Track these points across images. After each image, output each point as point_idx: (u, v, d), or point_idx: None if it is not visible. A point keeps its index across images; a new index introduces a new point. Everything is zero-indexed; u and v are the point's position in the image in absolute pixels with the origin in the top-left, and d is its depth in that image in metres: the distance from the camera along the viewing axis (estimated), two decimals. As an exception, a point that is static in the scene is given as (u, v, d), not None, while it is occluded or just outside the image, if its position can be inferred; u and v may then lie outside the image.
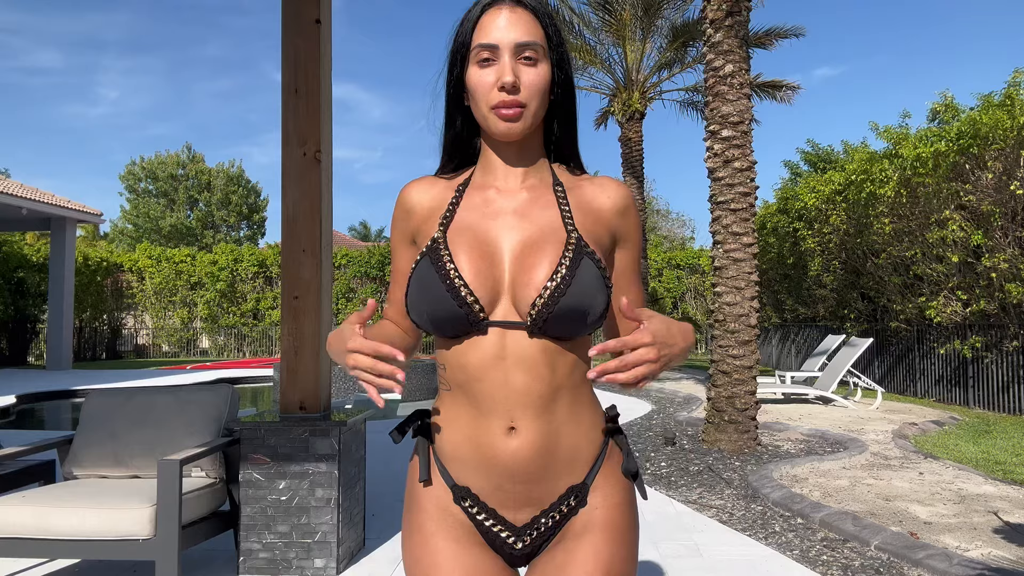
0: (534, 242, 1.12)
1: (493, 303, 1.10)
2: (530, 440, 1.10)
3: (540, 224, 1.14)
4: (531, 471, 1.11)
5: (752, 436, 6.15)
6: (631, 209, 1.22)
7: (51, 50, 62.16)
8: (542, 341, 1.10)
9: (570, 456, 1.13)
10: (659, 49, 14.16)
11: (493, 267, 1.11)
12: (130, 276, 21.89)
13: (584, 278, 1.08)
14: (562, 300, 1.07)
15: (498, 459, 1.10)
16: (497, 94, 1.12)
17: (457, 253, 1.12)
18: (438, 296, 1.09)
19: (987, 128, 8.22)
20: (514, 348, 1.09)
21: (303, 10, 3.47)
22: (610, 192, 1.21)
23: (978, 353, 9.02)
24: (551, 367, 1.10)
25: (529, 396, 1.09)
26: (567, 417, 1.12)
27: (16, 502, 2.85)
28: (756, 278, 6.32)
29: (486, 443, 1.11)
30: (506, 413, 1.10)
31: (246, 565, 3.20)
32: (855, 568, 3.36)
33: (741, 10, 6.35)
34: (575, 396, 1.13)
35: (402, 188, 1.25)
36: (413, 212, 1.23)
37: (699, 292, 22.01)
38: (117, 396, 3.54)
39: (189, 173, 37.16)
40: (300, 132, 3.45)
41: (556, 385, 1.11)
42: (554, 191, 1.19)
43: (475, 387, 1.10)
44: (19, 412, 9.53)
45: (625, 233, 1.22)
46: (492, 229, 1.15)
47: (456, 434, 1.14)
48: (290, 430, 3.23)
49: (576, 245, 1.11)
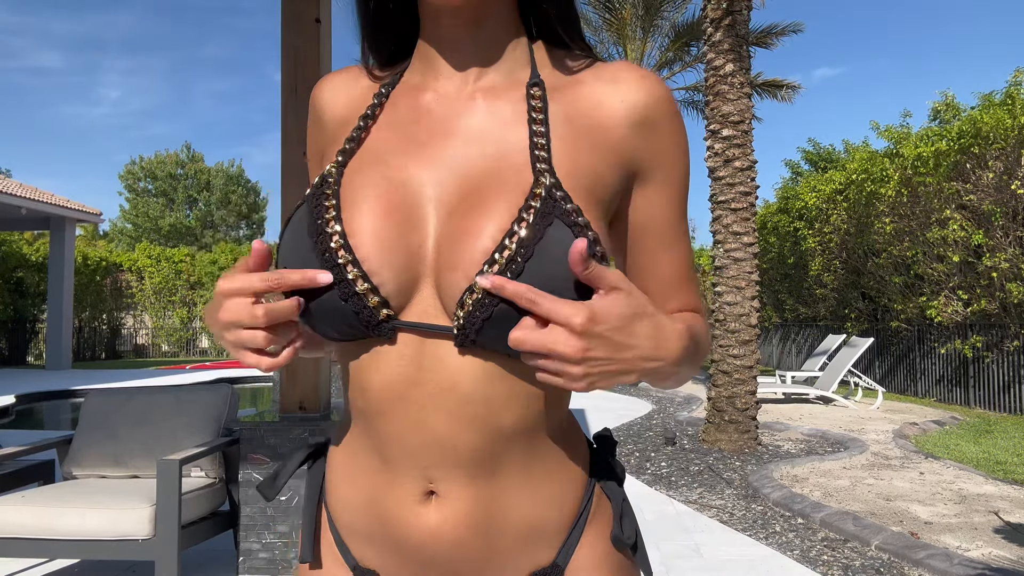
0: (480, 187, 0.68)
1: (407, 289, 0.68)
2: (461, 512, 0.69)
3: (495, 154, 0.69)
4: (466, 557, 0.71)
5: (752, 436, 6.15)
6: (667, 121, 0.73)
7: (52, 51, 62.31)
8: (480, 358, 0.67)
9: (528, 530, 0.72)
10: (660, 48, 14.16)
11: (410, 229, 0.68)
12: (130, 276, 21.89)
13: (548, 261, 0.63)
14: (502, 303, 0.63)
15: (414, 540, 0.71)
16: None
17: (352, 204, 0.69)
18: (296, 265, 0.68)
19: (988, 127, 8.21)
20: (436, 368, 0.67)
21: (303, 9, 3.46)
22: (626, 91, 0.72)
23: (979, 353, 9.01)
24: (497, 405, 0.68)
25: (457, 448, 0.68)
26: (522, 477, 0.71)
27: (16, 502, 2.84)
28: (757, 277, 6.32)
29: (395, 515, 0.71)
30: (422, 471, 0.69)
31: (246, 565, 3.19)
32: (856, 568, 3.36)
33: (741, 9, 6.34)
34: (535, 445, 0.71)
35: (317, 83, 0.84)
36: (322, 122, 0.81)
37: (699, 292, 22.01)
38: (117, 396, 3.54)
39: (188, 172, 37.16)
40: (300, 131, 3.44)
41: (504, 434, 0.69)
42: (527, 95, 0.72)
43: (376, 423, 0.70)
44: (19, 412, 9.53)
45: (650, 160, 0.73)
46: (416, 163, 0.71)
47: (354, 494, 0.74)
48: (290, 430, 3.22)
49: (545, 197, 0.65)
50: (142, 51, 63.31)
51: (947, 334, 9.71)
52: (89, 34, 61.46)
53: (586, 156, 0.70)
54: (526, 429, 0.70)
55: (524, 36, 0.76)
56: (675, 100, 0.74)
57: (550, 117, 0.71)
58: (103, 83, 65.53)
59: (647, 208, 0.75)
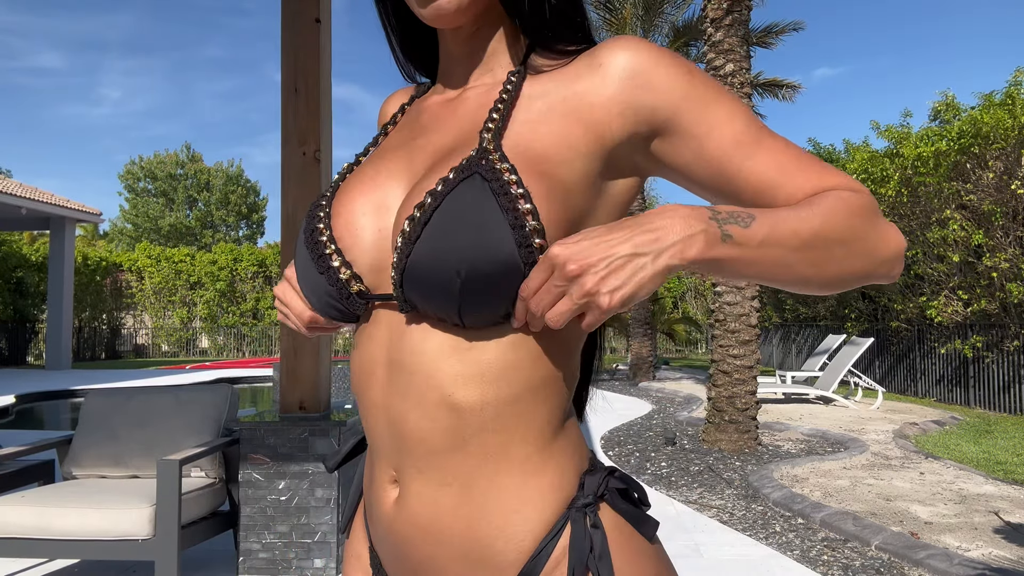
0: (434, 164, 0.71)
1: (380, 267, 0.71)
2: (412, 509, 0.68)
3: (457, 136, 0.73)
4: (415, 558, 0.69)
5: (753, 436, 6.15)
6: (654, 67, 0.69)
7: (53, 51, 62.28)
8: (435, 329, 0.66)
9: (474, 555, 0.66)
10: (659, 48, 14.17)
11: (380, 210, 0.72)
12: (129, 276, 21.90)
13: (457, 210, 0.62)
14: (416, 248, 0.63)
15: (381, 526, 0.73)
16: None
17: (344, 193, 0.75)
18: (303, 256, 0.74)
19: (988, 127, 8.21)
20: (397, 345, 0.68)
21: (303, 9, 3.46)
22: (605, 56, 0.70)
23: (979, 353, 9.01)
24: (447, 380, 0.65)
25: (410, 434, 0.67)
26: (480, 481, 0.66)
27: (16, 502, 2.84)
28: (757, 278, 6.32)
29: (373, 499, 0.74)
30: (386, 457, 0.71)
31: (246, 565, 3.19)
32: (856, 568, 3.36)
33: (741, 8, 6.34)
34: (502, 443, 0.66)
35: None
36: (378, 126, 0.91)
37: (699, 292, 22.02)
38: (117, 396, 3.54)
39: (188, 173, 37.17)
40: (300, 131, 3.44)
41: (460, 415, 0.65)
42: (504, 86, 0.73)
43: (361, 406, 0.74)
44: (18, 412, 9.53)
45: (663, 105, 0.69)
46: (401, 154, 0.76)
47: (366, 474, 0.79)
48: (290, 430, 3.22)
49: (470, 159, 0.65)
50: (143, 51, 63.35)
51: (947, 334, 9.71)
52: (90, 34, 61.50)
53: (552, 125, 0.69)
54: (490, 417, 0.65)
55: (523, 43, 0.78)
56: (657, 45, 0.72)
57: (520, 96, 0.72)
58: (104, 83, 65.57)
59: (694, 146, 0.69)
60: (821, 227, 0.63)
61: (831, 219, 0.63)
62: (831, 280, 0.65)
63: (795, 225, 0.62)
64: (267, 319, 21.95)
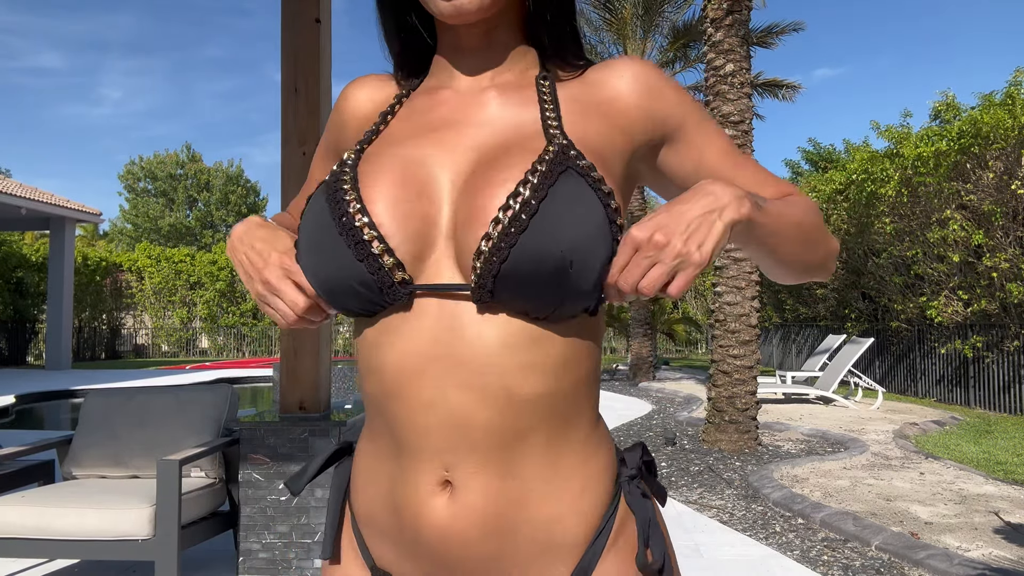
0: (494, 157, 0.70)
1: (422, 256, 0.68)
2: (474, 506, 0.66)
3: (507, 131, 0.73)
4: (476, 559, 0.68)
5: (753, 436, 6.15)
6: (665, 83, 0.78)
7: (54, 51, 62.34)
8: (500, 321, 0.66)
9: (545, 537, 0.68)
10: (660, 48, 14.15)
11: (423, 198, 0.70)
12: (129, 276, 21.90)
13: (563, 204, 0.64)
14: (522, 239, 0.63)
15: (424, 536, 0.68)
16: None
17: (368, 179, 0.71)
18: (330, 245, 0.68)
19: (988, 127, 8.21)
20: (452, 338, 0.66)
21: (303, 9, 3.46)
22: (622, 70, 0.77)
23: (979, 353, 9.01)
24: (512, 372, 0.66)
25: (473, 427, 0.66)
26: (543, 467, 0.68)
27: (16, 502, 2.84)
28: (757, 278, 6.32)
29: (407, 507, 0.69)
30: (437, 457, 0.67)
31: (246, 565, 3.19)
32: (856, 568, 3.36)
33: (742, 9, 6.34)
34: (561, 429, 0.69)
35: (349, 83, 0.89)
36: (345, 117, 0.87)
37: (699, 292, 22.01)
38: (117, 396, 3.54)
39: (188, 172, 37.17)
40: (300, 131, 3.44)
41: (522, 407, 0.66)
42: (537, 85, 0.78)
43: (391, 408, 0.68)
44: (18, 412, 9.53)
45: (671, 117, 0.77)
46: (430, 144, 0.74)
47: (374, 486, 0.73)
48: (290, 430, 3.22)
49: (557, 154, 0.67)
50: (143, 51, 63.36)
51: (947, 334, 9.71)
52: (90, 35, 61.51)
53: (595, 125, 0.75)
54: (550, 405, 0.67)
55: (528, 44, 0.81)
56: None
57: (559, 98, 0.76)
58: (104, 83, 65.62)
59: (693, 155, 0.80)
60: (803, 218, 0.77)
61: (808, 215, 0.78)
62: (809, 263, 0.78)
63: (787, 211, 0.75)
64: (267, 319, 21.93)
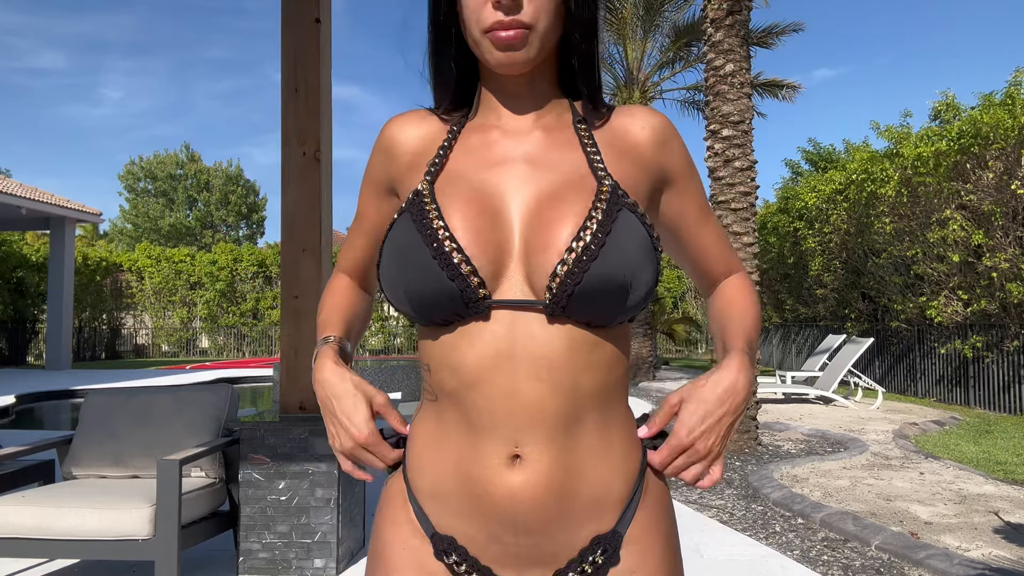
0: (554, 193, 0.85)
1: (497, 276, 0.82)
2: (541, 474, 0.80)
3: (561, 170, 0.87)
4: (541, 518, 0.81)
5: (752, 436, 6.15)
6: (673, 137, 0.95)
7: (55, 51, 62.28)
8: (566, 329, 0.81)
9: (596, 497, 0.83)
10: (660, 48, 14.15)
11: (497, 227, 0.84)
12: (129, 276, 21.90)
13: (624, 237, 0.81)
14: (593, 266, 0.79)
15: (495, 500, 0.81)
16: (492, 12, 0.85)
17: (448, 208, 0.84)
18: (422, 265, 0.81)
19: (988, 127, 8.21)
20: (526, 341, 0.81)
21: (303, 9, 3.46)
22: (644, 121, 0.94)
23: (979, 353, 9.01)
24: (578, 370, 0.82)
25: (544, 412, 0.81)
26: (595, 442, 0.84)
27: (16, 502, 2.84)
28: (756, 278, 6.32)
29: (480, 477, 0.82)
30: (509, 436, 0.81)
31: (246, 565, 3.19)
32: (856, 568, 3.36)
33: (742, 9, 6.34)
34: (607, 412, 0.85)
35: (386, 122, 0.98)
36: (394, 154, 0.96)
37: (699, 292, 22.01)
38: (117, 396, 3.54)
39: (188, 172, 37.17)
40: (300, 131, 3.44)
41: (584, 396, 0.82)
42: (575, 129, 0.92)
43: (469, 397, 0.82)
44: (18, 412, 9.53)
45: (674, 168, 0.95)
46: (495, 178, 0.87)
47: (440, 463, 0.85)
48: (290, 430, 3.22)
49: (612, 194, 0.83)
50: (145, 52, 63.33)
51: (947, 334, 9.71)
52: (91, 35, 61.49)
53: (627, 168, 0.91)
54: (602, 394, 0.85)
55: (561, 92, 0.96)
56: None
57: (596, 143, 0.91)
58: (105, 84, 65.57)
59: (681, 202, 0.98)
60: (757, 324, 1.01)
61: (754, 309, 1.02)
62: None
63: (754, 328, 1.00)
64: (267, 319, 21.95)
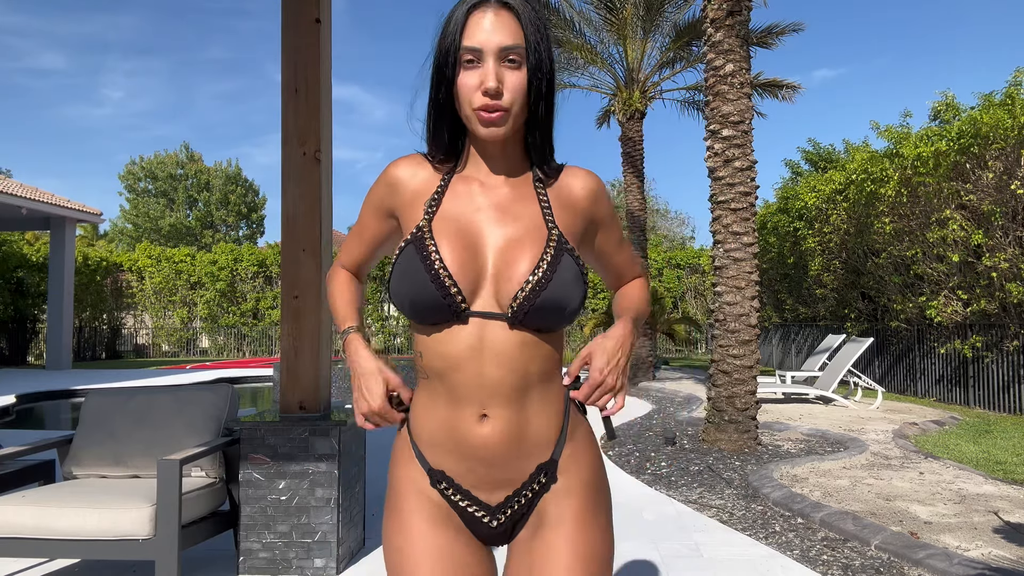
0: (517, 237, 1.18)
1: (474, 294, 1.15)
2: (500, 428, 1.16)
3: (522, 220, 1.20)
4: (503, 455, 1.17)
5: (752, 436, 6.15)
6: (602, 193, 1.31)
7: (56, 52, 62.11)
8: (520, 333, 1.15)
9: (538, 440, 1.19)
10: (660, 48, 14.13)
11: (476, 259, 1.16)
12: (130, 276, 21.89)
13: (564, 274, 1.15)
14: (543, 294, 1.13)
15: (471, 445, 1.16)
16: (481, 97, 1.14)
17: (441, 243, 1.16)
18: (421, 284, 1.13)
19: (988, 127, 8.21)
20: (492, 340, 1.15)
21: (303, 9, 3.46)
22: (582, 181, 1.28)
23: (978, 353, 9.01)
24: (525, 360, 1.16)
25: (502, 387, 1.15)
26: (537, 406, 1.18)
27: (16, 502, 2.85)
28: (756, 278, 6.32)
29: (459, 429, 1.16)
30: (479, 402, 1.15)
31: (246, 565, 3.20)
32: (855, 568, 3.36)
33: (742, 9, 6.34)
34: (546, 386, 1.19)
35: (390, 162, 1.29)
36: (397, 189, 1.27)
37: (699, 292, 22.01)
38: (117, 396, 3.54)
39: (188, 173, 37.16)
40: (300, 131, 3.44)
41: (528, 377, 1.16)
42: (535, 187, 1.25)
43: (452, 376, 1.15)
44: (19, 412, 9.53)
45: (601, 215, 1.31)
46: (476, 222, 1.19)
47: (431, 421, 1.20)
48: (290, 430, 3.22)
49: (557, 242, 1.18)
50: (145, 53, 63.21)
51: (947, 334, 9.71)
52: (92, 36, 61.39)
53: (570, 220, 1.26)
54: (543, 374, 1.19)
55: (526, 153, 1.27)
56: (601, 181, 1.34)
57: (548, 199, 1.25)
58: (106, 84, 65.44)
59: (605, 237, 1.36)
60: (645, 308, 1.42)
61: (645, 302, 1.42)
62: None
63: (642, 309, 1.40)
64: (267, 319, 21.94)
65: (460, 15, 1.17)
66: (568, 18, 13.89)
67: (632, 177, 14.06)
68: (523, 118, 1.20)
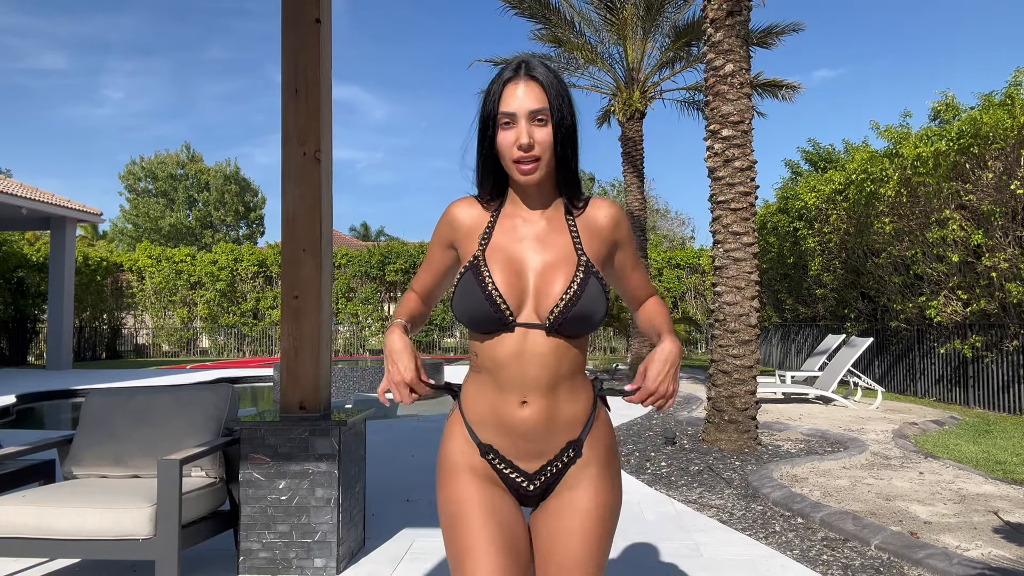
0: (552, 263, 1.48)
1: (519, 309, 1.46)
2: (537, 412, 1.46)
3: (557, 248, 1.50)
4: (537, 433, 1.48)
5: (752, 436, 6.15)
6: (623, 219, 1.60)
7: (56, 52, 62.05)
8: (554, 340, 1.45)
9: (568, 421, 1.50)
10: (660, 48, 14.13)
11: (520, 281, 1.47)
12: (130, 276, 21.90)
13: (591, 292, 1.45)
14: (574, 308, 1.43)
15: (513, 424, 1.48)
16: (517, 151, 1.46)
17: (493, 269, 1.47)
18: (478, 302, 1.44)
19: (988, 127, 8.21)
20: (532, 344, 1.45)
21: (303, 10, 3.46)
22: (605, 212, 1.58)
23: (978, 353, 9.01)
24: (558, 360, 1.46)
25: (539, 381, 1.45)
26: (567, 396, 1.49)
27: (16, 502, 2.85)
28: (756, 278, 6.32)
29: (504, 412, 1.48)
30: (521, 392, 1.46)
31: (246, 565, 3.20)
32: (855, 568, 3.36)
33: (742, 9, 6.34)
34: (573, 380, 1.50)
35: (450, 204, 1.61)
36: (455, 226, 1.58)
37: (699, 292, 22.00)
38: (117, 396, 3.54)
39: (188, 173, 37.16)
40: (300, 131, 3.45)
41: (560, 374, 1.47)
42: (566, 220, 1.55)
43: (500, 372, 1.47)
44: (19, 412, 9.53)
45: (621, 239, 1.61)
46: (520, 251, 1.50)
47: (482, 405, 1.51)
48: (290, 430, 3.23)
49: (585, 267, 1.47)
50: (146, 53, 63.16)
51: (947, 334, 9.71)
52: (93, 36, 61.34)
53: (596, 246, 1.55)
54: (571, 372, 1.49)
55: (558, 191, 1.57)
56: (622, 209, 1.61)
57: (577, 228, 1.54)
58: (106, 84, 65.40)
59: (623, 257, 1.63)
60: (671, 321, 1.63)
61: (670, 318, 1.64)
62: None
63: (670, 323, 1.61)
64: (267, 319, 21.94)
65: (497, 88, 1.48)
66: (568, 18, 13.89)
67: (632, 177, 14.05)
68: (552, 164, 1.49)
